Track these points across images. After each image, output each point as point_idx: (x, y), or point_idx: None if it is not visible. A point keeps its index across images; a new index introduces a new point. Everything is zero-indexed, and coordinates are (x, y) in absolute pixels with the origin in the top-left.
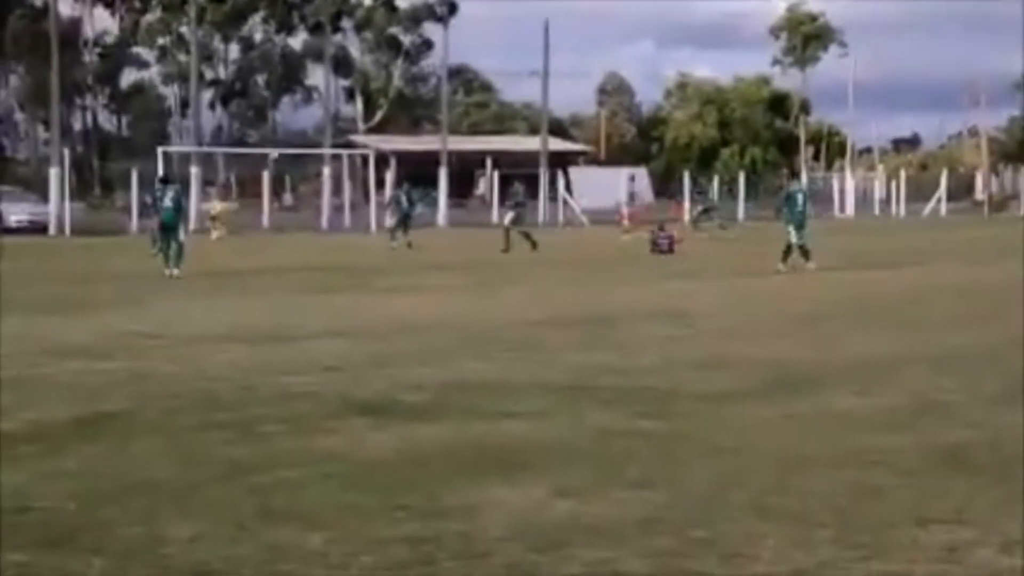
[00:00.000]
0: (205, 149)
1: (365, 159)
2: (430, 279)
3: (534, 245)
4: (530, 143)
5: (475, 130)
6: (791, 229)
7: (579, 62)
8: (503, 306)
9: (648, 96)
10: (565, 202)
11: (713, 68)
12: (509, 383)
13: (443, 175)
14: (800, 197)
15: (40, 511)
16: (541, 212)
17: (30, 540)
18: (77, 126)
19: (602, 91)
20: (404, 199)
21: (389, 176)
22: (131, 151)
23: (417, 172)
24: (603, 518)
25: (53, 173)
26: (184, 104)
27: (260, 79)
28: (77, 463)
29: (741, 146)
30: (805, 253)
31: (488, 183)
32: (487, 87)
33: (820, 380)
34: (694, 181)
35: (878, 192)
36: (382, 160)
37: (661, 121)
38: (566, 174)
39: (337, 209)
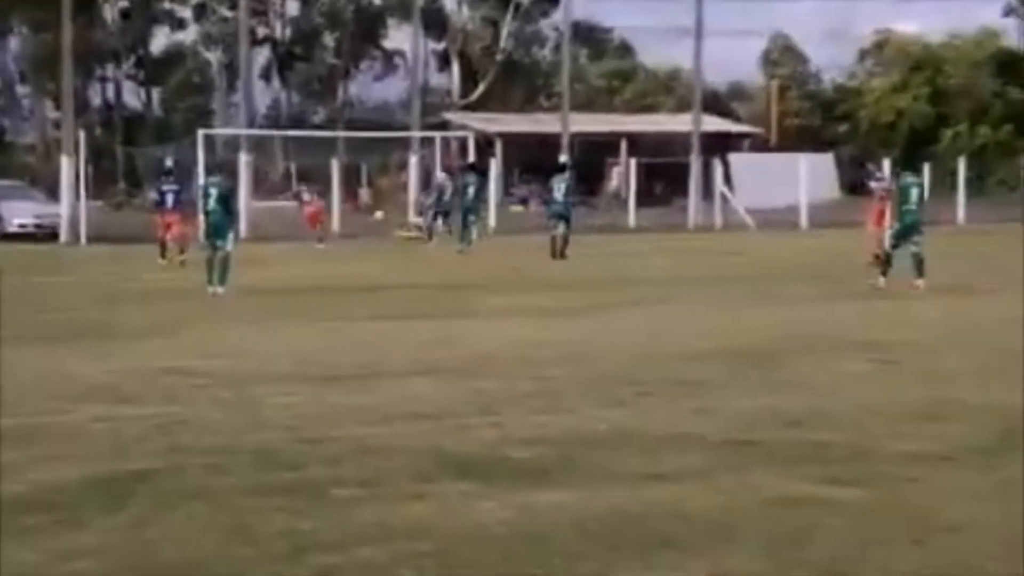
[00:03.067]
0: (257, 132)
1: (463, 143)
2: (546, 299)
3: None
4: (678, 123)
5: (607, 107)
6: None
7: (743, 17)
8: (640, 335)
9: (833, 60)
10: (724, 199)
11: (922, 22)
12: (651, 435)
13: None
14: (915, 192)
15: None
16: (691, 212)
17: None
18: (96, 101)
19: (769, 57)
20: (448, 188)
21: (494, 164)
22: (164, 134)
23: (530, 159)
24: None
25: (65, 163)
26: (231, 73)
27: (328, 41)
28: (97, 539)
29: (971, 123)
30: (886, 262)
31: (623, 175)
32: (623, 50)
33: None
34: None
35: None
36: (485, 144)
37: (853, 93)
38: (725, 162)
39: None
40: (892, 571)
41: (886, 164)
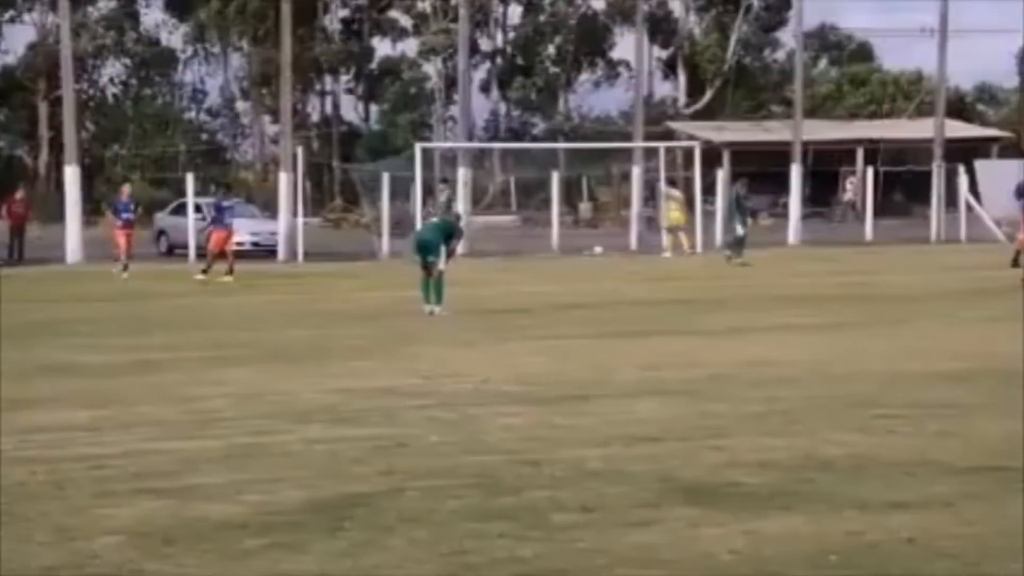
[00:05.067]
0: (476, 145)
1: (689, 154)
2: (775, 316)
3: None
4: (919, 128)
5: (842, 113)
6: None
7: (993, 14)
8: (880, 355)
9: None
10: (969, 208)
11: None
12: (893, 461)
13: (795, 174)
14: None
15: None
16: (934, 224)
17: None
18: (314, 116)
19: None
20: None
21: (721, 175)
22: (380, 148)
23: (759, 170)
24: None
25: (283, 179)
26: (449, 86)
27: (550, 51)
28: (316, 563)
29: None
30: None
31: (859, 184)
32: (861, 53)
33: None
34: None
35: None
36: (712, 155)
37: None
38: (971, 170)
39: (649, 221)
40: None
41: None
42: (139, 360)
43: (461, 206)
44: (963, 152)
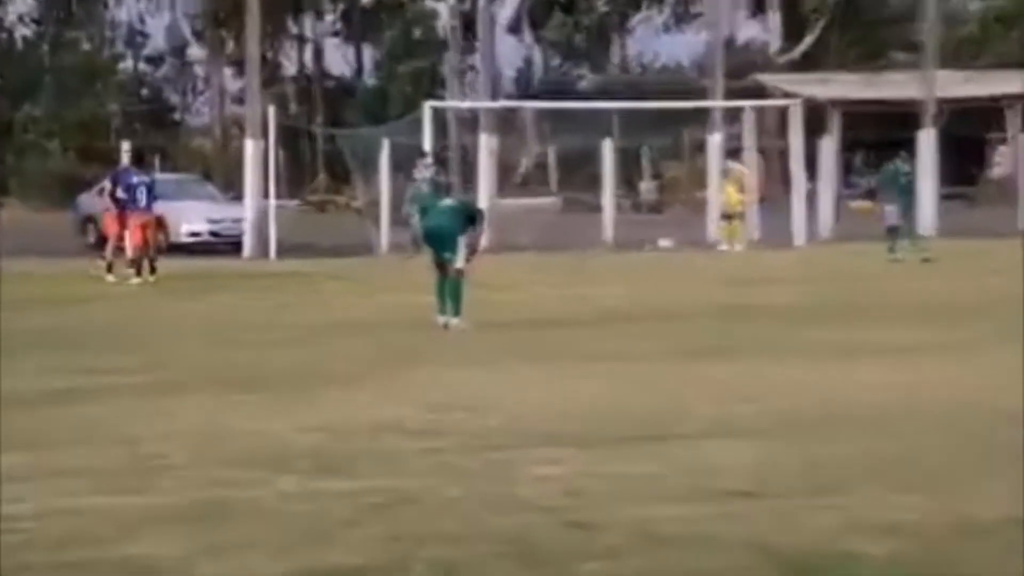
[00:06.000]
0: (502, 104)
1: (785, 115)
2: (904, 330)
3: None
4: None
5: (989, 62)
6: None
7: None
8: None
9: None
10: None
11: None
12: None
13: (927, 142)
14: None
15: None
16: None
17: None
18: (290, 68)
19: None
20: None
21: (827, 143)
22: (377, 109)
23: (878, 137)
24: None
25: (250, 149)
26: (466, 27)
27: None
28: None
29: None
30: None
31: (1013, 155)
32: None
33: None
34: None
35: None
36: (815, 117)
37: None
38: None
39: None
40: None
41: None
42: (62, 388)
43: (482, 185)
44: None
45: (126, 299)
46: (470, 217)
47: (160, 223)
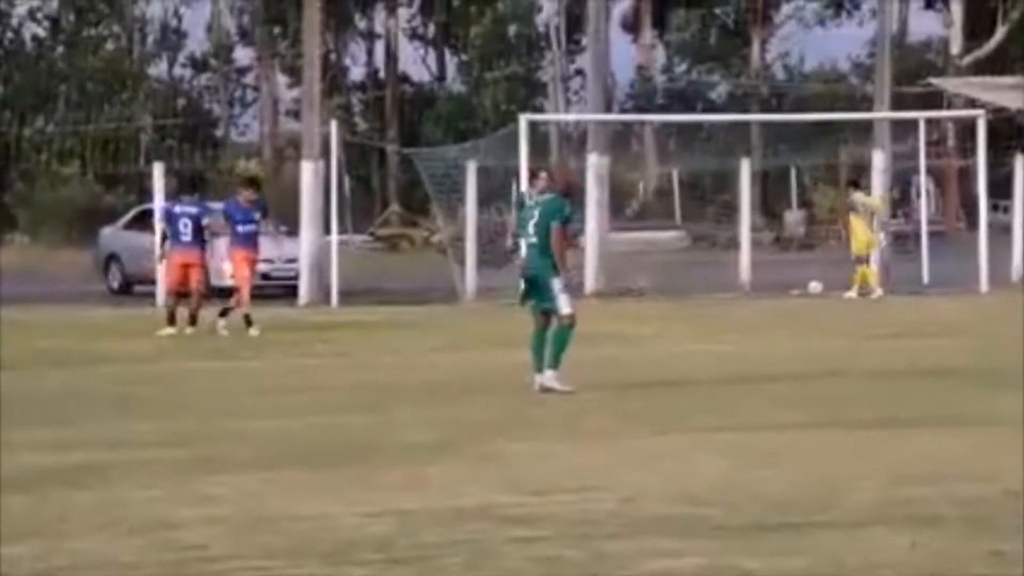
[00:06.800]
0: (617, 117)
1: (968, 129)
2: None
3: None
4: None
5: None
6: None
7: None
8: None
9: None
10: None
11: None
12: None
13: None
14: None
15: None
16: None
17: None
18: (357, 73)
19: None
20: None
21: (1019, 161)
22: (463, 123)
23: None
24: None
25: (307, 173)
26: (573, 22)
27: None
28: None
29: None
30: None
31: None
32: None
33: None
34: None
35: None
36: (1005, 130)
37: None
38: None
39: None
40: None
41: None
42: (81, 462)
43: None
44: None
45: (156, 356)
46: (563, 219)
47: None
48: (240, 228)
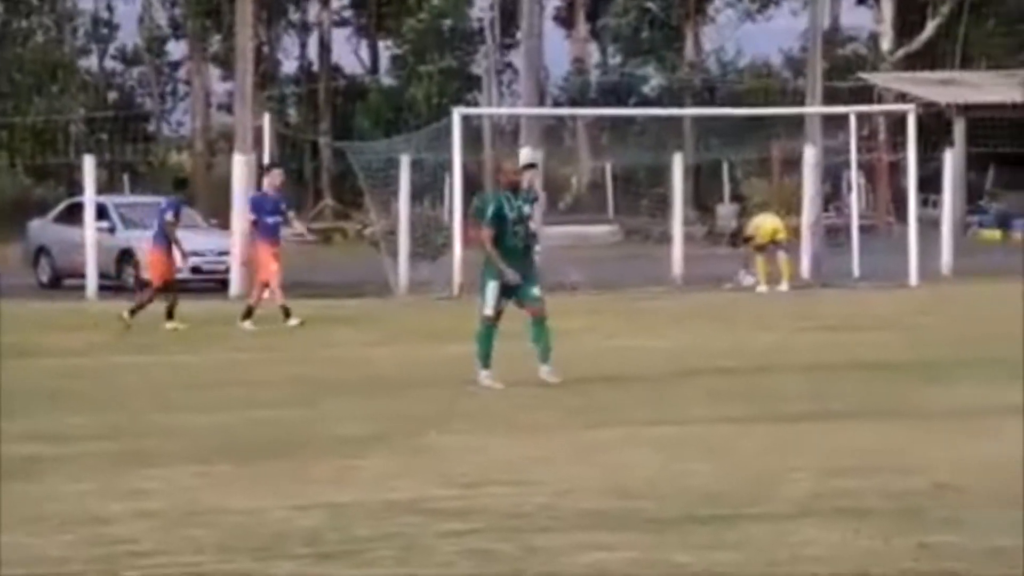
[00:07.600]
0: (549, 112)
1: (898, 124)
2: None
3: None
4: None
5: None
6: None
7: None
8: None
9: None
10: None
11: None
12: None
13: None
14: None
15: None
16: None
17: None
18: (289, 66)
19: None
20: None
21: (949, 158)
22: (395, 116)
23: (1017, 150)
24: None
25: (238, 166)
26: (506, 18)
27: None
28: None
29: None
30: None
31: None
32: None
33: None
34: None
35: None
36: (936, 126)
37: None
38: None
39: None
40: None
41: None
42: (11, 456)
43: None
44: None
45: (88, 350)
46: (483, 218)
47: (128, 256)
48: (268, 219)
